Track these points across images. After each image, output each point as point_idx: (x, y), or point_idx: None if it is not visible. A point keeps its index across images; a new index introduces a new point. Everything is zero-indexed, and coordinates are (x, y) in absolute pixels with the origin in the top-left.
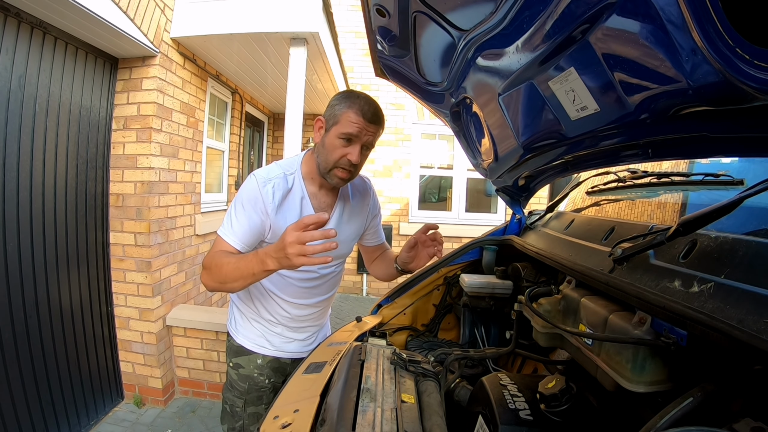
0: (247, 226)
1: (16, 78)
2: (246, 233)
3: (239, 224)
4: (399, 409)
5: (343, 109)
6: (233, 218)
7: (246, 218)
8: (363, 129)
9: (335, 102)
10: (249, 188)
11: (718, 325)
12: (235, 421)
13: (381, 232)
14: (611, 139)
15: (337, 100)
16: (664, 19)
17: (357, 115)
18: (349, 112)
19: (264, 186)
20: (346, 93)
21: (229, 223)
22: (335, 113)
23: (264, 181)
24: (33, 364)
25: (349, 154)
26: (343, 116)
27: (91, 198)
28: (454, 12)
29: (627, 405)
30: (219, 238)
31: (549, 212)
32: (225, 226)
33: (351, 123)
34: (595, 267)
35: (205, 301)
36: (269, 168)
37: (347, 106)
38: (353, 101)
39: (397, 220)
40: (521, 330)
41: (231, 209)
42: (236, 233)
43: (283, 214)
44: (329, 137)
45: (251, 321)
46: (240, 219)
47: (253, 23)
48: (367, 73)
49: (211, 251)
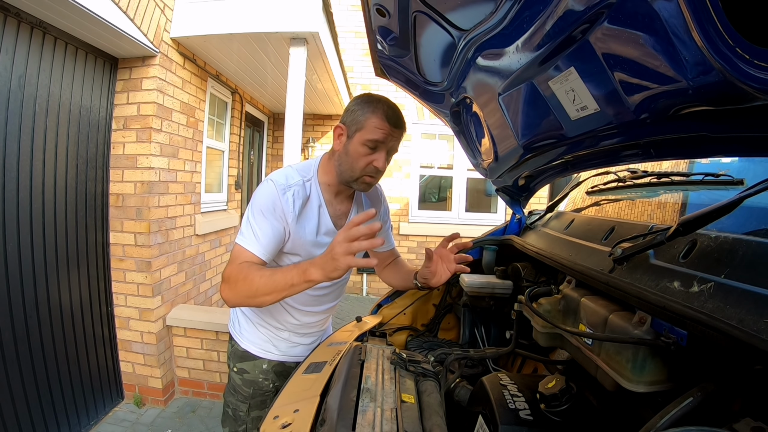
0: (271, 234)
1: (16, 78)
2: (271, 242)
3: (263, 233)
4: (399, 409)
5: (366, 115)
6: (254, 227)
7: (269, 226)
8: (389, 134)
9: (356, 107)
10: (268, 194)
11: (718, 324)
12: (238, 425)
13: (391, 238)
14: (611, 139)
15: (357, 105)
16: (664, 19)
17: (382, 120)
18: (373, 118)
19: (284, 193)
20: (366, 97)
21: (251, 231)
22: (358, 119)
23: (283, 187)
24: (33, 364)
25: (376, 160)
26: (368, 122)
27: (91, 198)
28: (454, 12)
29: (627, 405)
30: (240, 248)
31: (549, 212)
32: (246, 235)
33: (376, 129)
34: (595, 267)
35: (205, 301)
36: (287, 173)
37: (371, 112)
38: (376, 106)
39: (397, 220)
40: (521, 330)
41: (249, 217)
42: (261, 242)
43: (302, 223)
44: (353, 144)
45: (257, 326)
46: (263, 227)
47: (253, 23)
48: (367, 73)
49: (232, 264)
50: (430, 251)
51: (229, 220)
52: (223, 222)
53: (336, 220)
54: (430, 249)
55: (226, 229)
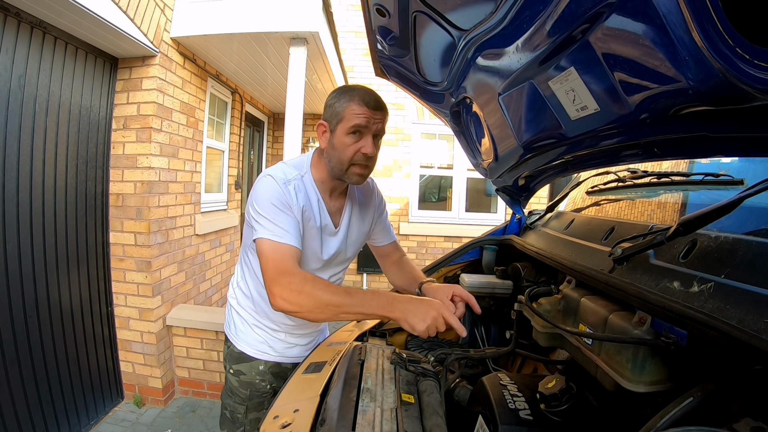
0: (294, 222)
1: (16, 78)
2: (297, 231)
3: (287, 223)
4: (399, 409)
5: (344, 105)
6: (275, 219)
7: (287, 216)
8: (370, 118)
9: (333, 101)
10: (272, 189)
11: (718, 325)
12: (236, 427)
13: (390, 230)
14: (611, 139)
15: (334, 98)
16: (664, 19)
17: (360, 105)
18: (351, 105)
19: (285, 186)
20: (341, 89)
21: (273, 224)
22: (336, 111)
23: (283, 181)
24: (33, 364)
25: (363, 147)
26: (346, 111)
27: (91, 198)
28: (454, 12)
29: (627, 405)
30: (275, 244)
31: (549, 212)
32: (270, 228)
33: (356, 115)
34: (595, 267)
35: (205, 301)
36: (283, 169)
37: (348, 100)
38: (352, 94)
39: (397, 220)
40: (521, 330)
41: (262, 214)
42: (290, 233)
43: (306, 216)
44: (337, 137)
45: (253, 327)
46: (282, 219)
47: (253, 23)
48: (367, 73)
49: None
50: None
51: (229, 220)
52: (223, 222)
53: (332, 217)
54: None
55: (226, 229)
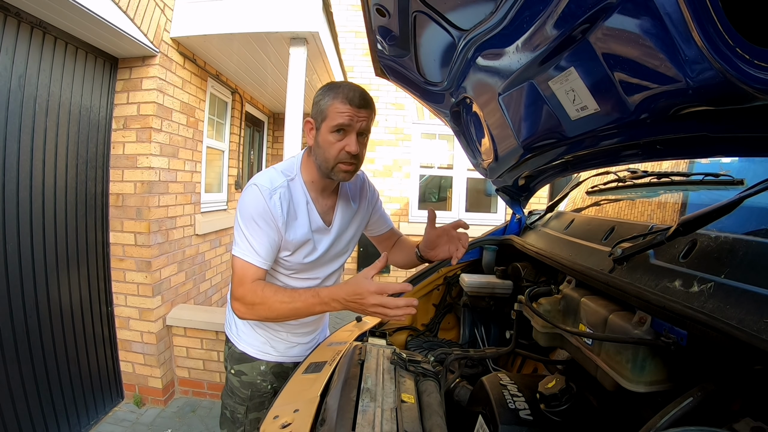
0: (267, 243)
1: (16, 78)
2: (269, 251)
3: (259, 243)
4: (399, 409)
5: (328, 102)
6: (249, 237)
7: (263, 234)
8: (354, 116)
9: (318, 98)
10: (255, 202)
11: (718, 324)
12: (236, 427)
13: (387, 218)
14: (611, 139)
15: (320, 95)
16: (664, 19)
17: (344, 103)
18: (335, 103)
19: (270, 198)
20: (328, 85)
21: (247, 243)
22: (321, 109)
23: (269, 192)
24: (33, 364)
25: (347, 145)
26: (330, 109)
27: (91, 198)
28: (454, 12)
29: (627, 405)
30: (241, 261)
31: (549, 212)
32: (243, 247)
33: (340, 113)
34: (595, 267)
35: (205, 301)
36: (270, 176)
37: (332, 98)
38: (337, 91)
39: (397, 220)
40: (521, 330)
41: (242, 228)
42: (260, 253)
43: (293, 224)
44: (322, 135)
45: (254, 328)
46: (258, 237)
47: (252, 23)
48: (367, 73)
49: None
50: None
51: (229, 220)
52: (223, 222)
53: (324, 216)
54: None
55: (226, 229)
